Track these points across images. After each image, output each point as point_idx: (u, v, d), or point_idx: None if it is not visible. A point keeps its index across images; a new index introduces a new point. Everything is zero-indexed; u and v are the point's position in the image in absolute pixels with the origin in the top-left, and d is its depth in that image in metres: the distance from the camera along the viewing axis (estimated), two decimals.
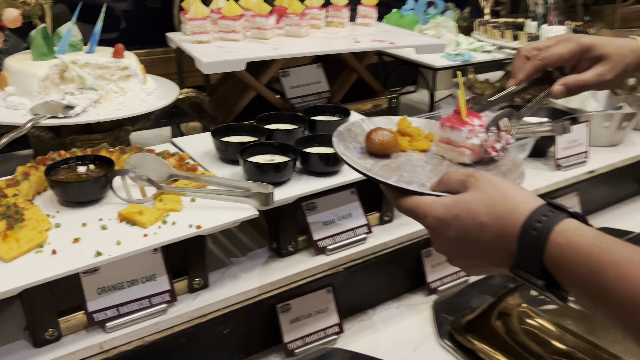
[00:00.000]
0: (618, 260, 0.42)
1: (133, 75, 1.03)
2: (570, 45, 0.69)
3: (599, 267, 0.42)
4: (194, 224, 0.76)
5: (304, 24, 1.22)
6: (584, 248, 0.44)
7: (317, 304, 0.97)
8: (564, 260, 0.45)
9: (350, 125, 0.66)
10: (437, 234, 0.54)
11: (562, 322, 0.91)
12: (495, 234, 0.49)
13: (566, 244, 0.45)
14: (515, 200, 0.49)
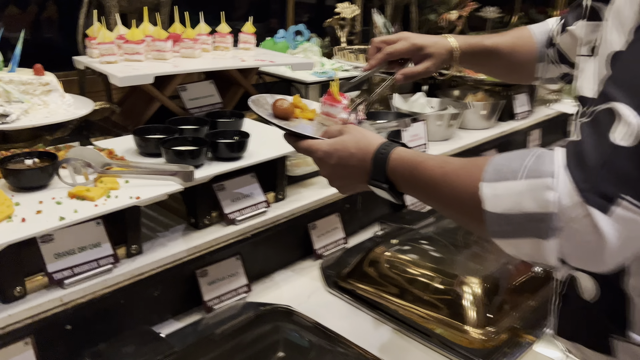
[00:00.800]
0: (422, 160, 0.72)
1: (54, 90, 1.20)
2: (407, 44, 1.00)
3: (413, 167, 0.72)
4: (134, 196, 0.96)
5: (197, 47, 1.46)
6: (406, 158, 0.74)
7: (229, 269, 1.19)
8: (396, 169, 0.74)
9: (260, 97, 0.92)
10: (323, 163, 0.81)
11: (414, 259, 1.23)
12: (359, 159, 0.78)
13: (398, 159, 0.74)
14: (371, 138, 0.79)
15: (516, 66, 1.06)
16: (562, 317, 0.74)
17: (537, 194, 0.55)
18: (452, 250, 1.26)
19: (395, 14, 2.35)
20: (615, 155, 0.51)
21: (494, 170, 0.60)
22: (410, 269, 1.21)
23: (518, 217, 0.57)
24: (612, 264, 0.54)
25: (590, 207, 0.51)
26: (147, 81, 1.27)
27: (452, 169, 0.67)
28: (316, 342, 0.97)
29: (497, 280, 1.17)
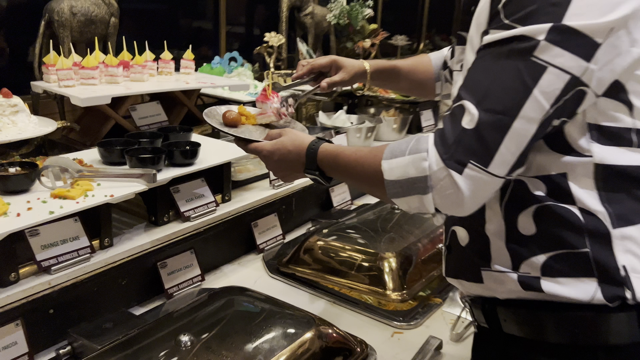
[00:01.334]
0: (341, 150, 0.96)
1: (21, 111, 1.36)
2: (327, 59, 1.25)
3: (335, 156, 0.96)
4: (108, 195, 1.14)
5: (145, 72, 1.66)
6: (329, 150, 0.98)
7: (184, 261, 1.38)
8: (323, 159, 0.98)
9: (212, 109, 1.13)
10: (268, 160, 1.04)
11: (341, 244, 1.48)
12: (296, 154, 1.01)
13: (324, 152, 0.98)
14: (303, 137, 1.02)
15: (417, 84, 1.35)
16: (447, 262, 1.00)
17: (417, 164, 0.80)
18: (372, 236, 1.52)
19: (316, 42, 2.64)
20: (463, 135, 0.78)
21: (389, 151, 0.85)
22: (339, 252, 1.46)
23: (406, 181, 0.82)
24: (468, 209, 0.81)
25: (450, 170, 0.77)
26: (105, 102, 1.45)
27: (362, 154, 0.92)
28: (267, 308, 1.18)
29: (410, 255, 1.43)
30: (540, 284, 0.83)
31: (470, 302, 0.97)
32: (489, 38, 0.78)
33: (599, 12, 0.70)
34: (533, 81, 0.73)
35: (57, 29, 1.62)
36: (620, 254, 0.79)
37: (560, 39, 0.71)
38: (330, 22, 2.65)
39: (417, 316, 1.32)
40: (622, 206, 0.79)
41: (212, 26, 2.34)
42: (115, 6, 1.76)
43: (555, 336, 0.84)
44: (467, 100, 0.77)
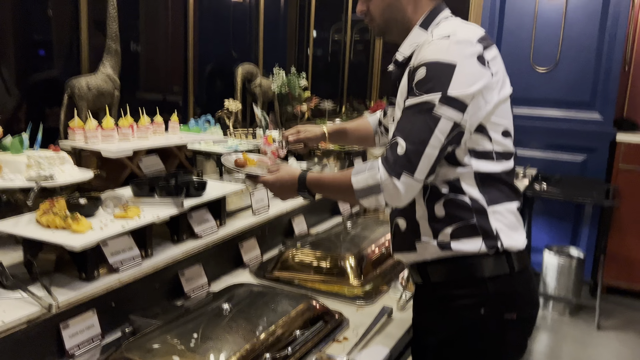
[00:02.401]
0: (321, 175, 1.45)
1: (67, 162, 1.78)
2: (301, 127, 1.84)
3: (319, 179, 1.44)
4: (154, 215, 1.59)
5: (149, 132, 2.12)
6: (314, 177, 1.44)
7: (196, 272, 1.82)
8: (310, 182, 1.44)
9: (225, 157, 1.62)
10: (272, 186, 1.51)
11: (312, 252, 1.98)
12: (291, 181, 1.47)
13: (311, 177, 1.44)
14: (295, 170, 1.48)
15: (362, 138, 1.94)
16: (394, 244, 1.52)
17: (373, 176, 1.26)
18: (333, 246, 2.03)
19: (264, 107, 3.20)
20: (398, 157, 1.23)
21: (355, 171, 1.31)
22: (311, 258, 1.96)
23: (367, 187, 1.28)
24: (404, 202, 1.29)
25: (392, 178, 1.24)
26: (128, 154, 1.91)
27: (337, 176, 1.40)
28: (269, 291, 1.64)
29: (363, 256, 1.96)
30: (450, 245, 1.36)
31: (410, 268, 1.51)
32: (409, 102, 1.28)
33: (466, 87, 1.24)
34: (434, 125, 1.24)
35: (77, 101, 2.07)
36: (493, 222, 1.34)
37: (446, 102, 1.23)
38: (274, 91, 3.23)
39: (372, 297, 1.84)
40: (491, 194, 1.35)
41: (181, 97, 2.85)
42: (118, 82, 2.22)
43: (461, 274, 1.37)
44: (399, 137, 1.26)
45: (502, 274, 1.35)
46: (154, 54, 3.03)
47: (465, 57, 1.25)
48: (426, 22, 1.39)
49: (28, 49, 2.15)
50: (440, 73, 1.24)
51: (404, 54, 1.41)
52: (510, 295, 1.37)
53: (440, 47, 1.27)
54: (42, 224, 1.45)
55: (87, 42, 2.21)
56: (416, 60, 1.31)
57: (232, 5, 3.66)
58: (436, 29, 1.36)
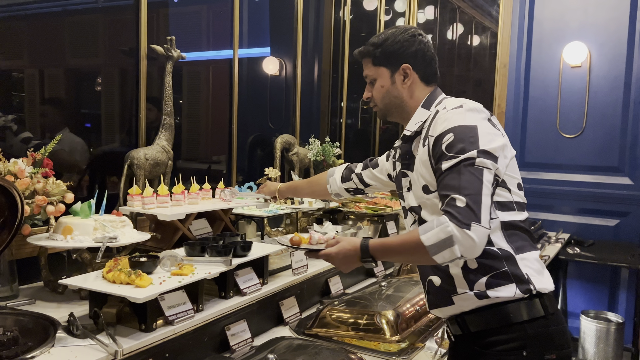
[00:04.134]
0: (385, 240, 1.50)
1: (128, 225, 1.97)
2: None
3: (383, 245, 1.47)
4: (206, 272, 1.74)
5: (199, 197, 2.32)
6: (377, 243, 1.48)
7: (241, 327, 1.95)
8: (375, 250, 1.47)
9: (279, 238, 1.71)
10: (335, 259, 1.53)
11: (349, 309, 2.08)
12: (353, 251, 1.49)
13: (374, 244, 1.47)
14: (354, 239, 1.51)
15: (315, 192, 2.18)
16: (429, 300, 1.62)
17: (443, 230, 1.31)
18: (369, 304, 2.14)
19: (301, 173, 3.40)
20: (461, 210, 1.31)
21: (421, 231, 1.36)
22: (348, 315, 2.06)
23: (440, 242, 1.32)
24: (479, 250, 1.33)
25: (464, 229, 1.29)
26: (180, 217, 2.09)
27: (402, 239, 1.44)
28: (309, 344, 1.75)
29: (399, 313, 2.06)
30: (487, 294, 1.46)
31: (448, 321, 1.59)
32: (448, 164, 1.39)
33: (490, 143, 1.40)
34: (480, 176, 1.36)
35: (135, 170, 2.29)
36: (522, 268, 1.46)
37: (483, 155, 1.38)
38: (310, 158, 3.44)
39: (408, 353, 1.92)
40: (516, 243, 1.48)
41: (225, 166, 3.08)
42: (171, 153, 2.46)
43: (501, 320, 1.45)
44: (453, 194, 1.35)
45: (539, 316, 1.45)
46: (202, 127, 3.30)
47: (480, 120, 1.45)
48: (427, 104, 1.59)
49: (92, 123, 2.41)
50: (467, 134, 1.41)
51: (411, 130, 1.59)
52: (548, 336, 1.45)
53: (458, 114, 1.46)
54: (108, 280, 1.62)
55: (144, 117, 2.46)
56: (435, 130, 1.48)
57: (270, 80, 3.97)
58: (440, 105, 1.56)
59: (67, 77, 2.45)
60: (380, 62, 1.63)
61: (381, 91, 1.64)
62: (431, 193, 1.51)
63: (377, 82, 1.64)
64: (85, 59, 2.51)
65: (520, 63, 4.57)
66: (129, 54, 2.48)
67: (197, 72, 3.46)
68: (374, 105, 1.68)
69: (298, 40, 3.67)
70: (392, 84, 1.62)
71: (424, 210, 1.55)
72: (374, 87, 1.65)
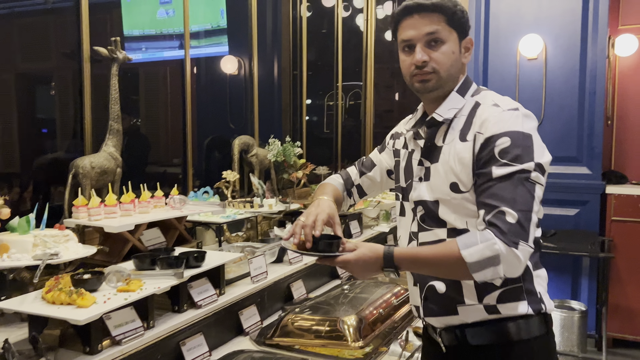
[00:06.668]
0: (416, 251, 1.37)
1: (72, 239, 1.85)
2: None
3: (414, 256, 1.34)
4: (156, 287, 1.65)
5: (150, 206, 2.21)
6: (405, 252, 1.35)
7: (197, 342, 1.86)
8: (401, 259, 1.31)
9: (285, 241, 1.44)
10: (354, 266, 1.34)
11: (310, 316, 2.02)
12: (375, 258, 1.32)
13: (401, 254, 1.32)
14: (375, 246, 1.35)
15: None
16: (425, 307, 1.44)
17: (490, 248, 1.21)
18: (331, 309, 2.08)
19: (261, 176, 3.31)
20: (511, 226, 1.21)
21: (462, 244, 1.25)
22: (310, 322, 1.99)
23: (484, 260, 1.22)
24: (522, 270, 1.25)
25: (512, 248, 1.20)
26: (129, 228, 1.98)
27: (437, 251, 1.31)
28: (268, 357, 1.67)
29: (362, 318, 2.00)
30: (497, 308, 1.36)
31: (442, 330, 1.44)
32: (502, 171, 1.27)
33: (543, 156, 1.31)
34: (533, 192, 1.27)
35: (80, 179, 2.16)
36: (537, 285, 1.38)
37: (538, 169, 1.28)
38: (270, 160, 3.36)
39: (372, 359, 1.86)
40: (534, 258, 1.37)
41: (181, 170, 2.97)
42: (120, 159, 2.34)
43: (507, 336, 1.36)
44: (504, 207, 1.25)
45: (543, 333, 1.39)
46: (154, 131, 3.18)
47: (534, 129, 1.34)
48: (462, 90, 1.43)
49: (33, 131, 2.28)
50: (524, 142, 1.30)
51: (443, 115, 1.41)
52: (549, 353, 1.42)
53: (515, 118, 1.33)
54: (48, 301, 1.51)
55: (90, 123, 2.33)
56: (486, 128, 1.33)
57: (228, 79, 3.86)
58: (478, 97, 1.42)
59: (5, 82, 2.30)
60: (455, 24, 1.39)
61: (451, 57, 1.40)
62: (461, 193, 1.36)
63: (446, 45, 1.39)
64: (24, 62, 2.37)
65: (477, 57, 4.58)
66: (71, 57, 2.35)
67: (153, 73, 3.34)
68: (429, 72, 1.39)
69: (254, 39, 3.57)
70: (459, 53, 1.42)
71: (444, 207, 1.39)
72: (436, 50, 1.38)
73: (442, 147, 1.41)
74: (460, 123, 1.40)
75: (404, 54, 1.43)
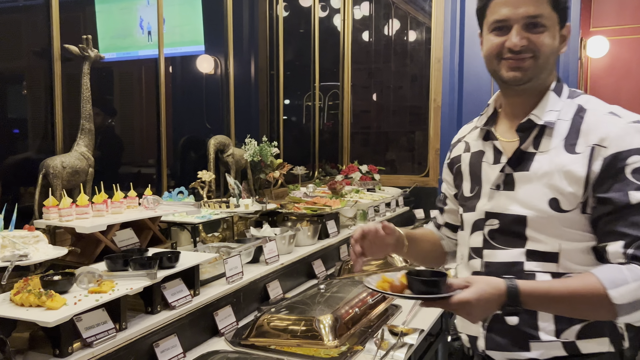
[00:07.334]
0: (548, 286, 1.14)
1: (41, 240, 1.81)
2: None
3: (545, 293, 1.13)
4: (128, 288, 1.62)
5: (123, 206, 2.18)
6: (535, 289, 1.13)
7: (171, 343, 1.83)
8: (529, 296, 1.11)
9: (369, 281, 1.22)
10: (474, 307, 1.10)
11: (285, 316, 2.01)
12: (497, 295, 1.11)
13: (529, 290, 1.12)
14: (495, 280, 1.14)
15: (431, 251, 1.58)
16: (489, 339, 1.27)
17: None
18: (307, 309, 2.07)
19: (237, 175, 3.29)
20: None
21: (608, 282, 1.09)
22: (285, 322, 1.99)
23: (637, 301, 1.09)
24: None
25: None
26: (101, 228, 1.96)
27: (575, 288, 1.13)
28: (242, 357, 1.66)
29: (338, 317, 2.00)
30: (577, 345, 1.22)
31: None
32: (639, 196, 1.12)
33: None
34: None
35: (51, 180, 2.13)
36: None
37: None
38: (247, 159, 3.34)
39: (347, 358, 1.86)
40: None
41: (155, 171, 2.94)
42: (92, 159, 2.30)
43: None
44: None
45: None
46: (128, 130, 3.13)
47: None
48: (558, 89, 1.28)
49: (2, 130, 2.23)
50: None
51: (544, 119, 1.24)
52: None
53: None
54: (16, 303, 1.48)
55: (60, 122, 2.29)
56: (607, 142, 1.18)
57: (204, 79, 3.83)
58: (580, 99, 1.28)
59: None
60: (557, 7, 1.22)
61: (551, 46, 1.23)
62: (562, 212, 1.20)
63: (548, 31, 1.21)
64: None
65: (454, 57, 4.62)
66: (41, 55, 2.30)
67: (128, 72, 3.29)
68: (528, 57, 1.23)
69: (229, 38, 3.55)
70: (558, 43, 1.25)
71: (533, 226, 1.22)
72: (536, 34, 1.22)
73: (534, 154, 1.25)
74: (562, 130, 1.23)
75: (493, 35, 1.26)
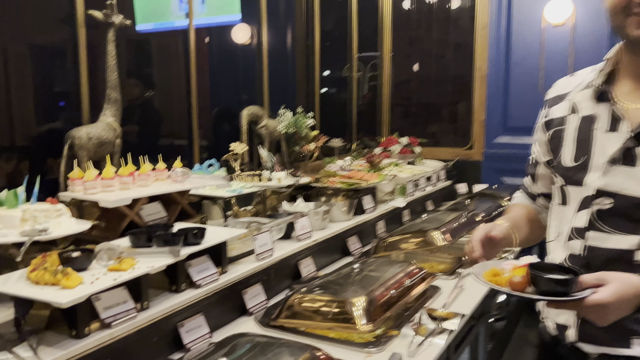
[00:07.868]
0: None
1: (64, 214, 1.75)
2: None
3: None
4: (149, 266, 1.54)
5: (150, 179, 2.09)
6: None
7: (197, 323, 1.75)
8: None
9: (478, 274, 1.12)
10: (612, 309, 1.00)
11: (317, 296, 1.90)
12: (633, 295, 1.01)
13: None
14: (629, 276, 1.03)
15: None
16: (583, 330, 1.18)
17: None
18: (339, 289, 1.95)
19: (271, 148, 3.18)
20: None
21: None
22: (317, 303, 1.88)
23: None
24: None
25: None
26: (127, 203, 1.87)
27: None
28: (270, 342, 1.57)
29: (372, 299, 1.87)
30: None
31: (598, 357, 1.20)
32: None
33: None
34: None
35: (77, 151, 2.06)
36: None
37: None
38: (280, 131, 3.21)
39: (382, 343, 1.74)
40: None
41: (187, 142, 2.85)
42: (119, 130, 2.22)
43: None
44: None
45: None
46: (160, 101, 3.05)
47: None
48: None
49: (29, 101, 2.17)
50: None
51: None
52: None
53: None
54: (32, 280, 1.41)
55: (87, 92, 2.21)
56: None
57: (239, 49, 3.71)
58: None
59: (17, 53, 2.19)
60: None
61: None
62: None
63: None
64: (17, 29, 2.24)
65: (500, 23, 4.33)
66: (65, 22, 2.21)
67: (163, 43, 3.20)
68: None
69: (262, 6, 3.40)
70: None
71: None
72: None
73: None
74: None
75: None
